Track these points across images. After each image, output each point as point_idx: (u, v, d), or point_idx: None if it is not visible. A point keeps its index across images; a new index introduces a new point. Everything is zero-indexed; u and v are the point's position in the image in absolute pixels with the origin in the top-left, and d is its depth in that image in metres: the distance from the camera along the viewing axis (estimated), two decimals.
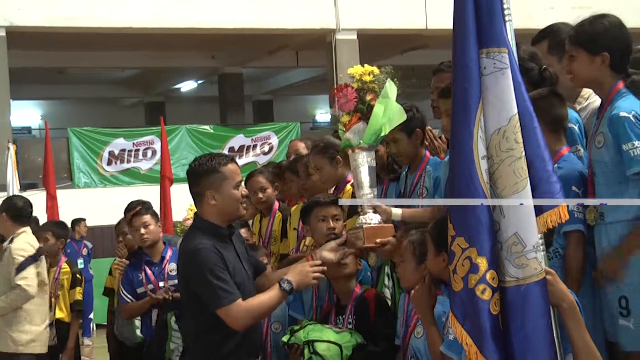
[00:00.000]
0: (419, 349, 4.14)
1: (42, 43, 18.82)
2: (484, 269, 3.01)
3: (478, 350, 3.00)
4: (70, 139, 18.55)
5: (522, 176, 3.06)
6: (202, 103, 26.26)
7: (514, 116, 3.07)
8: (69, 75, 23.95)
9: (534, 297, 3.01)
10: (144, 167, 18.78)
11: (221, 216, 4.59)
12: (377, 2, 18.95)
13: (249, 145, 19.61)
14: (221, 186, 4.51)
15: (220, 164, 4.52)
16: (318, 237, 4.96)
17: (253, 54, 21.82)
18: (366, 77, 4.62)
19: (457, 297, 3.08)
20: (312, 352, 4.45)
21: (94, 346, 14.08)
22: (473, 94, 3.08)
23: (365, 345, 4.50)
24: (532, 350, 2.99)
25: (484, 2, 3.10)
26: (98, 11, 17.52)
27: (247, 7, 18.36)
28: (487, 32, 3.09)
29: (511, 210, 3.05)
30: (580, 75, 4.01)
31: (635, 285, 3.80)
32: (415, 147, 4.86)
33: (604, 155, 3.86)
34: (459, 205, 3.09)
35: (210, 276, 4.38)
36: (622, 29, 4.02)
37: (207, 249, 4.45)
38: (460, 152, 3.10)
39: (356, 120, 4.63)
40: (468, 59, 3.09)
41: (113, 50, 20.58)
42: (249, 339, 4.52)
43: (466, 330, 3.03)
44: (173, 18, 18.03)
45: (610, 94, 3.93)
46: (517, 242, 3.03)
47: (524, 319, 3.01)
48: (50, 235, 7.67)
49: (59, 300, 7.48)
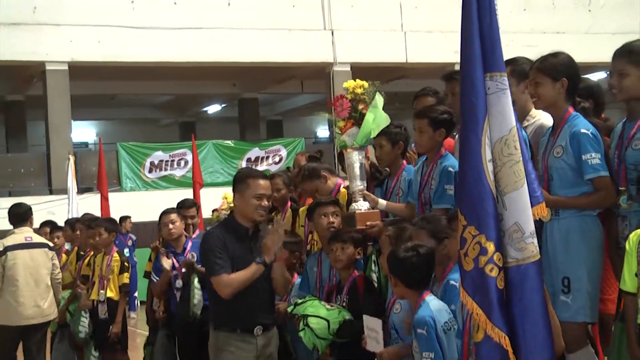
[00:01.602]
0: (395, 323, 4.13)
1: (97, 74, 18.79)
2: (491, 251, 3.02)
3: (487, 319, 3.01)
4: (119, 152, 18.56)
5: (520, 176, 3.08)
6: (225, 122, 26.20)
7: (513, 127, 3.09)
8: (118, 100, 23.91)
9: (531, 275, 3.04)
10: (178, 174, 18.74)
11: (241, 216, 4.74)
12: (367, 41, 18.96)
13: (263, 156, 19.57)
14: (244, 193, 4.68)
15: (249, 176, 4.74)
16: (320, 229, 5.00)
17: (266, 83, 21.79)
18: (358, 89, 4.66)
19: (468, 276, 3.07)
20: (305, 325, 4.47)
21: (138, 318, 14.07)
22: (480, 109, 3.09)
23: (352, 321, 4.47)
24: (529, 318, 3.02)
25: (487, 34, 3.10)
26: (141, 49, 17.54)
27: (262, 45, 18.34)
28: (490, 59, 3.10)
29: (512, 204, 3.06)
30: (543, 97, 4.03)
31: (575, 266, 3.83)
32: (395, 156, 4.87)
33: (562, 163, 3.88)
34: (470, 200, 3.09)
35: (209, 253, 4.65)
36: (574, 62, 4.08)
37: (212, 234, 4.80)
38: (470, 156, 3.09)
39: (350, 126, 4.67)
40: (476, 80, 3.09)
41: (153, 79, 20.57)
42: (243, 314, 4.60)
43: (477, 303, 3.04)
44: (202, 54, 18.03)
45: (565, 115, 3.96)
46: (517, 230, 3.05)
47: (522, 293, 3.03)
48: (103, 230, 7.63)
49: (110, 282, 7.45)
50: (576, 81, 4.06)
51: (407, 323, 3.85)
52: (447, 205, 4.35)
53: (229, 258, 4.59)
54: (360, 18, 19.22)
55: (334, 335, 4.44)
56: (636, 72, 3.78)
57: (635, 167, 3.74)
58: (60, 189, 16.13)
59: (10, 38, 16.75)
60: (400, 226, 4.18)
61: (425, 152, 4.72)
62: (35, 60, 17.27)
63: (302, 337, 4.46)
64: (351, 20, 19.21)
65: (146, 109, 26.24)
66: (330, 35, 19.15)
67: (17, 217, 7.81)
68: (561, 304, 3.81)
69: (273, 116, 27.74)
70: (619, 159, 3.85)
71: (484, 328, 3.02)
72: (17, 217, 7.81)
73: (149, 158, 18.73)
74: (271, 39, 18.47)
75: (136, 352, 9.64)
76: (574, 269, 3.83)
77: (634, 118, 3.83)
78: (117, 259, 7.50)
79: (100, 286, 7.49)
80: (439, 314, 3.60)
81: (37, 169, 18.29)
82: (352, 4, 19.39)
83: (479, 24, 3.10)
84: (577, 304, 3.81)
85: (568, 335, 3.76)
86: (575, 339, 3.83)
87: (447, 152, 4.60)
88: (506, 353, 2.99)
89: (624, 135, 3.86)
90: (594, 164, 3.80)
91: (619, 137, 3.89)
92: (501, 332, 3.00)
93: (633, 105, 3.85)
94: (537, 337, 3.02)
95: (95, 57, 17.39)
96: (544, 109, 4.20)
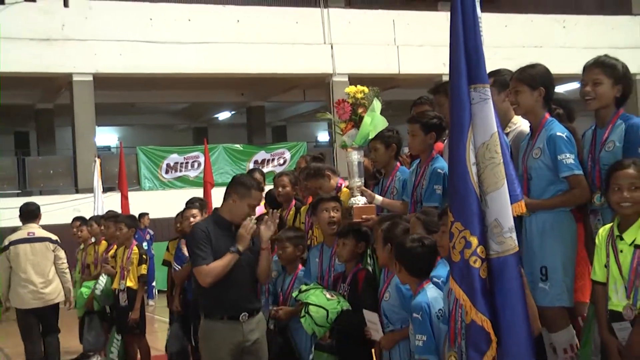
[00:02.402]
0: (385, 309, 4.13)
1: (119, 85, 18.81)
2: (475, 245, 3.03)
3: (472, 305, 3.03)
4: (139, 155, 18.54)
5: (500, 177, 3.07)
6: (234, 128, 26.23)
7: (494, 133, 3.09)
8: (137, 108, 23.89)
9: (510, 265, 3.04)
10: (191, 175, 18.72)
11: (229, 214, 4.71)
12: (363, 54, 18.97)
13: (269, 159, 19.54)
14: (244, 199, 4.67)
15: (253, 187, 4.73)
16: (322, 223, 5.00)
17: (272, 92, 21.79)
18: (358, 94, 4.65)
19: (456, 266, 3.09)
20: (306, 312, 4.46)
21: (155, 306, 14.08)
22: (465, 118, 3.09)
23: (349, 311, 4.45)
24: (508, 303, 3.02)
25: (472, 50, 3.10)
26: (158, 61, 17.56)
27: (268, 57, 18.35)
28: (474, 72, 3.10)
29: (493, 202, 3.06)
30: (522, 104, 4.03)
31: (551, 257, 3.83)
32: (389, 158, 4.86)
33: (540, 163, 3.89)
34: (457, 199, 3.10)
35: (192, 245, 4.61)
36: (550, 72, 4.09)
37: (197, 227, 4.72)
38: (456, 160, 3.10)
39: (350, 127, 4.66)
40: (462, 92, 3.10)
41: (169, 89, 20.57)
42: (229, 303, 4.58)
43: (463, 290, 3.05)
44: (213, 66, 18.03)
45: (542, 121, 3.97)
46: (497, 226, 3.05)
47: (502, 281, 3.04)
48: (124, 226, 7.64)
49: (129, 273, 7.45)
50: (552, 90, 4.07)
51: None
52: (436, 203, 4.35)
53: (212, 249, 4.54)
54: (357, 33, 19.25)
55: (332, 324, 4.43)
56: (608, 81, 3.80)
57: None
58: (84, 189, 16.17)
59: (41, 52, 16.83)
60: (394, 221, 4.17)
61: (417, 154, 4.71)
62: (63, 72, 17.30)
63: (303, 323, 4.45)
64: (349, 35, 19.24)
65: (163, 116, 26.28)
66: (330, 49, 19.17)
67: (26, 214, 8.00)
68: (540, 291, 3.81)
69: (278, 122, 27.77)
70: (592, 161, 3.85)
71: (469, 313, 3.04)
72: (26, 214, 8.00)
73: (165, 160, 18.71)
74: (276, 52, 18.48)
75: (154, 336, 9.66)
76: (550, 259, 3.83)
77: (605, 124, 3.84)
78: (136, 252, 7.50)
79: (120, 276, 7.51)
80: (435, 302, 3.60)
81: (64, 170, 18.31)
82: (350, 20, 19.42)
83: (464, 41, 3.10)
84: (554, 290, 3.82)
85: (549, 319, 3.81)
86: (555, 322, 3.85)
87: (438, 154, 4.59)
88: (489, 334, 3.00)
89: (596, 139, 3.86)
90: (569, 163, 3.80)
91: (591, 142, 3.90)
92: (484, 316, 3.01)
93: (602, 112, 3.86)
94: (515, 319, 3.03)
95: (117, 69, 17.42)
96: (523, 115, 4.20)
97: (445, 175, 4.36)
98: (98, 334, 8.31)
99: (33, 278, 7.70)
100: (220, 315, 4.59)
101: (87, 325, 8.40)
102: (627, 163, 3.42)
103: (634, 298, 3.31)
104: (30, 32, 16.76)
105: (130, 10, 17.60)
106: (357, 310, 4.38)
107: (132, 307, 7.33)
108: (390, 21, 19.53)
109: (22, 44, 16.65)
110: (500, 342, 3.01)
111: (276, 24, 18.60)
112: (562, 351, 3.87)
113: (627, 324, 3.33)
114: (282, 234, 5.30)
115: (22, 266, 7.68)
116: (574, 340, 3.89)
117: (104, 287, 7.82)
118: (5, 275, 7.73)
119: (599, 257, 3.48)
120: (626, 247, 3.35)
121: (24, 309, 7.73)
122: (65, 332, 8.60)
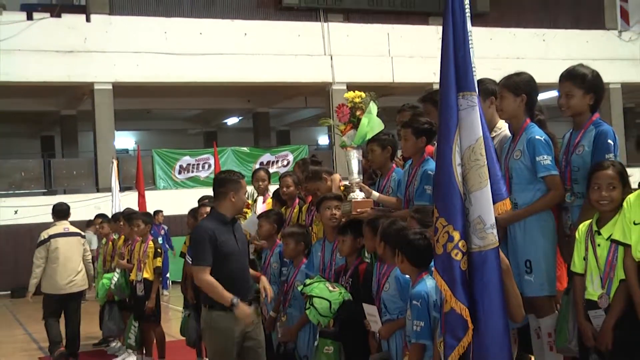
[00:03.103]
0: (385, 300, 4.11)
1: (136, 93, 18.83)
2: (457, 239, 3.01)
3: (452, 294, 3.01)
4: (154, 157, 18.52)
5: (484, 178, 3.06)
6: (241, 132, 26.20)
7: (479, 137, 3.08)
8: (153, 114, 23.92)
9: (490, 259, 3.03)
10: (202, 176, 18.70)
11: (232, 210, 4.69)
12: (360, 65, 18.97)
13: (273, 160, 19.52)
14: (239, 191, 4.66)
15: (240, 177, 4.70)
16: (324, 219, 5.00)
17: (276, 99, 21.78)
18: (357, 99, 4.64)
19: (439, 258, 3.07)
20: (311, 304, 4.45)
21: (170, 295, 14.09)
22: (453, 123, 3.08)
23: (350, 301, 4.43)
24: (487, 293, 3.01)
25: (461, 61, 3.09)
26: (172, 71, 17.59)
27: (272, 67, 18.36)
28: (462, 81, 3.09)
29: (477, 201, 3.05)
30: (506, 109, 4.01)
31: (533, 251, 3.82)
32: (385, 159, 4.84)
33: (520, 164, 3.88)
34: (442, 196, 3.09)
35: (196, 243, 4.57)
36: (533, 80, 4.07)
37: (201, 226, 4.67)
38: (443, 160, 3.09)
39: (349, 129, 4.66)
40: (450, 99, 3.09)
41: (182, 96, 20.57)
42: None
43: (444, 281, 3.03)
44: (222, 75, 18.06)
45: (523, 125, 3.95)
46: (480, 222, 3.03)
47: (483, 273, 3.02)
48: (141, 222, 7.64)
49: (146, 265, 7.45)
50: (534, 97, 4.04)
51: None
52: (426, 202, 4.34)
53: (213, 245, 4.48)
54: (354, 45, 19.27)
55: (335, 313, 4.42)
56: (579, 92, 3.80)
57: (579, 169, 3.74)
58: (104, 188, 16.15)
59: (65, 63, 16.88)
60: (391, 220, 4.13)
61: (409, 156, 4.71)
62: (85, 81, 17.32)
63: (308, 314, 4.44)
64: (347, 47, 19.26)
65: (176, 121, 26.28)
66: (330, 59, 19.18)
67: (59, 213, 8.40)
68: (526, 282, 3.81)
69: (282, 127, 27.74)
70: (565, 162, 3.86)
71: (449, 301, 3.03)
72: (59, 213, 8.40)
73: (178, 162, 18.70)
74: (280, 62, 18.49)
75: (168, 323, 9.66)
76: (533, 252, 3.83)
77: (578, 129, 3.85)
78: (152, 246, 7.50)
79: (137, 269, 7.51)
80: (433, 291, 3.58)
81: (86, 171, 18.31)
82: (348, 33, 19.43)
83: (454, 52, 3.09)
84: (538, 281, 3.81)
85: (537, 306, 3.82)
86: (542, 308, 3.86)
87: (429, 157, 4.59)
88: (466, 321, 2.99)
89: (570, 142, 3.87)
90: (546, 164, 3.80)
91: (567, 144, 3.90)
92: (462, 305, 3.00)
93: (578, 118, 3.86)
94: (493, 309, 3.01)
95: (134, 78, 17.45)
96: (506, 119, 4.19)
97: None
98: (117, 322, 8.36)
99: (67, 267, 8.04)
100: (224, 308, 4.47)
101: (108, 314, 8.45)
102: (606, 164, 3.45)
103: (608, 288, 3.33)
104: (56, 45, 16.84)
105: (146, 24, 17.64)
106: (357, 301, 4.37)
107: (148, 297, 7.33)
108: (384, 34, 19.55)
109: (48, 55, 16.72)
110: (478, 330, 2.99)
111: (280, 36, 18.63)
112: (546, 335, 3.88)
113: (602, 312, 3.34)
114: (286, 230, 5.28)
115: (59, 257, 8.03)
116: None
117: (117, 282, 7.92)
118: (41, 265, 8.00)
119: (579, 251, 3.49)
120: (603, 242, 3.38)
121: (55, 294, 8.03)
122: (88, 320, 8.79)
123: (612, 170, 3.40)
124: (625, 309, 3.27)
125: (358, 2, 19.69)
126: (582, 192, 3.65)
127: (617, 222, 3.34)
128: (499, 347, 3.00)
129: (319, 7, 19.30)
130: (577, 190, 3.75)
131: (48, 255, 8.01)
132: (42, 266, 8.00)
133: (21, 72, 16.45)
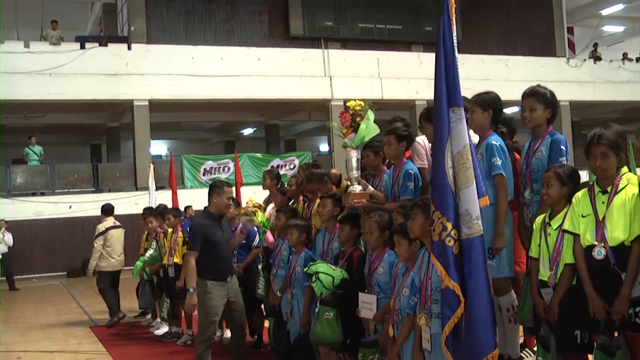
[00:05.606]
0: (379, 281, 4.04)
1: (168, 108, 18.79)
2: (450, 228, 3.00)
3: (446, 274, 3.00)
4: (183, 161, 18.43)
5: (470, 178, 3.05)
6: (256, 141, 26.18)
7: (466, 145, 3.06)
8: (182, 125, 23.90)
9: (476, 245, 3.01)
10: (223, 177, 18.54)
11: (216, 208, 5.35)
12: (354, 84, 18.91)
13: (282, 164, 19.45)
14: (220, 194, 5.34)
15: (223, 186, 5.43)
16: (318, 214, 4.96)
17: (285, 113, 21.73)
18: (357, 107, 4.62)
19: (435, 245, 3.06)
20: (317, 278, 4.43)
21: None
22: (445, 133, 3.07)
23: (348, 279, 4.41)
24: (474, 273, 2.99)
25: (451, 81, 3.08)
26: (198, 90, 17.58)
27: (282, 87, 18.35)
28: (452, 98, 3.08)
29: (464, 197, 3.04)
30: (474, 122, 3.98)
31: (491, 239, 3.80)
32: (378, 163, 4.77)
33: (482, 165, 3.85)
34: (437, 194, 3.08)
35: (195, 233, 5.24)
36: (499, 98, 4.05)
37: (199, 223, 5.32)
38: (437, 164, 3.09)
39: (350, 132, 4.61)
40: (443, 114, 3.07)
41: (206, 111, 20.51)
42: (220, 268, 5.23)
43: (440, 263, 3.03)
44: (240, 93, 18.04)
45: (486, 134, 3.94)
46: (467, 214, 3.02)
47: (470, 256, 3.00)
48: (172, 216, 7.61)
49: (176, 252, 7.43)
50: (499, 113, 4.02)
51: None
52: (409, 196, 4.31)
53: (204, 237, 5.14)
54: (350, 68, 19.25)
55: (336, 288, 4.41)
56: (541, 107, 3.80)
57: (538, 170, 3.73)
58: (142, 187, 16.21)
59: (110, 84, 16.91)
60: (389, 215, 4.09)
61: (392, 158, 4.69)
62: (127, 98, 17.31)
63: (314, 287, 4.40)
64: (344, 70, 19.23)
65: (201, 132, 26.25)
66: (329, 80, 19.17)
67: (107, 211, 9.28)
68: (489, 266, 3.78)
69: (289, 136, 27.73)
70: (526, 165, 3.84)
71: (444, 280, 3.02)
72: (107, 211, 9.28)
73: (203, 166, 18.60)
74: (288, 82, 18.49)
75: None
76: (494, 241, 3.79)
77: (537, 137, 3.84)
78: (181, 236, 7.47)
79: (169, 254, 7.48)
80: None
81: (127, 173, 18.28)
82: (344, 58, 19.42)
83: (445, 74, 3.09)
84: (497, 265, 3.80)
85: (497, 287, 3.81)
86: (501, 288, 3.85)
87: (408, 159, 4.58)
88: (458, 296, 2.99)
89: (530, 149, 3.85)
90: (497, 164, 3.79)
91: (527, 150, 3.89)
92: (454, 282, 2.99)
93: (536, 130, 3.85)
94: (479, 286, 3.00)
95: (167, 96, 17.44)
96: (474, 130, 4.18)
97: (415, 174, 4.36)
98: (147, 297, 8.41)
99: (117, 251, 8.91)
100: (215, 277, 5.18)
101: (141, 290, 8.50)
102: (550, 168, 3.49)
103: (555, 270, 3.33)
104: (103, 69, 16.87)
105: (177, 51, 17.66)
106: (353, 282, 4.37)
107: (178, 277, 7.30)
108: (375, 59, 19.53)
109: (96, 78, 16.76)
110: (467, 304, 2.98)
111: (288, 61, 18.63)
112: (505, 310, 3.88)
113: (550, 290, 3.35)
114: (291, 222, 5.24)
115: (113, 244, 8.89)
116: (515, 302, 3.89)
117: (151, 255, 7.95)
118: (100, 250, 8.83)
119: (535, 239, 3.49)
120: (553, 231, 3.38)
121: (110, 271, 8.85)
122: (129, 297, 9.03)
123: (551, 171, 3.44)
124: (568, 287, 3.26)
125: (353, 32, 19.68)
126: (540, 190, 3.63)
127: (565, 215, 3.34)
128: (484, 316, 2.99)
129: (320, 37, 19.30)
130: (536, 188, 3.73)
131: (104, 242, 8.84)
132: (100, 251, 8.79)
133: (75, 91, 16.53)
